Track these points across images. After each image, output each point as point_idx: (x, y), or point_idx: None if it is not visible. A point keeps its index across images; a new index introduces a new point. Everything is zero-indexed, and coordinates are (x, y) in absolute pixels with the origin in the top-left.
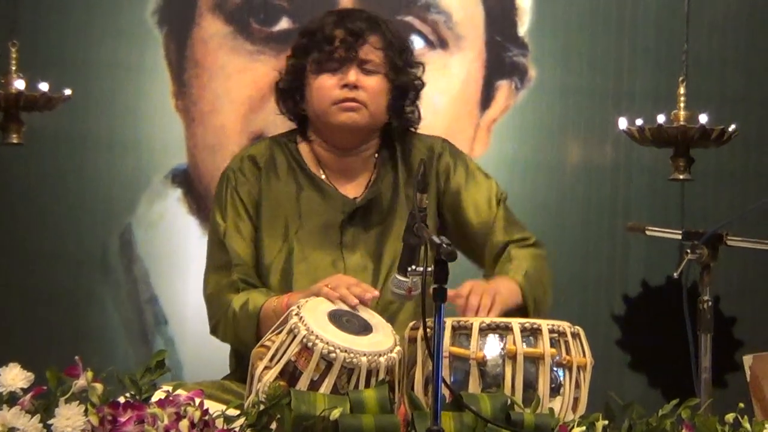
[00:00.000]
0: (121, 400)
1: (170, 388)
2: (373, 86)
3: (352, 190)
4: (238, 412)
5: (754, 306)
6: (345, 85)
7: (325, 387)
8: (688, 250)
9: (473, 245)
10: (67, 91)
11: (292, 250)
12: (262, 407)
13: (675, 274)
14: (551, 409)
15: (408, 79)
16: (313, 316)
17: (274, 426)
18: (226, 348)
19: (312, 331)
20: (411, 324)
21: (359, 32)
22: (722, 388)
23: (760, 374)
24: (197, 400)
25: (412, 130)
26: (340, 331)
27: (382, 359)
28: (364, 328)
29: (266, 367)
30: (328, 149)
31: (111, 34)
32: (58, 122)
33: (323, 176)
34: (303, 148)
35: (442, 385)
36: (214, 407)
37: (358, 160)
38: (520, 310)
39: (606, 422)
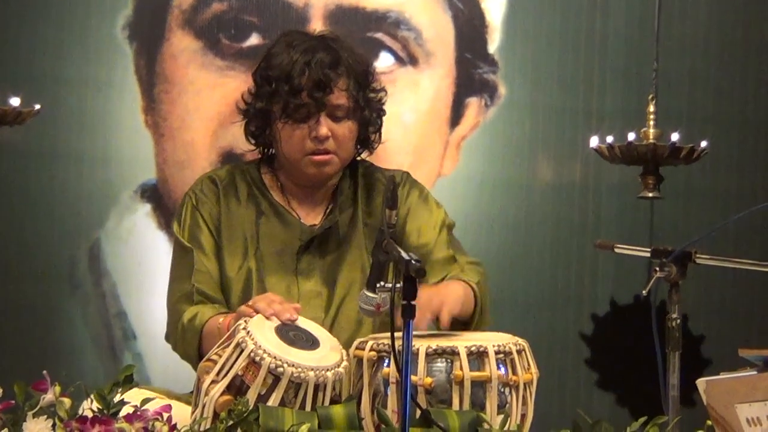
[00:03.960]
0: (89, 414)
1: (138, 403)
2: (343, 133)
3: (312, 217)
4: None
5: (723, 324)
6: (315, 137)
7: (273, 401)
8: (657, 268)
9: None
10: (37, 106)
11: (250, 271)
12: (230, 423)
13: (644, 292)
14: (519, 425)
15: (373, 112)
16: (260, 331)
17: None
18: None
19: (260, 346)
20: (356, 343)
21: (326, 81)
22: (690, 407)
23: (714, 399)
24: (165, 415)
25: (395, 158)
26: (287, 346)
27: (329, 374)
28: (312, 343)
29: (213, 381)
30: (292, 180)
31: (80, 48)
32: (28, 137)
33: (285, 202)
34: (265, 173)
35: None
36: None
37: (321, 190)
38: (463, 323)
39: None
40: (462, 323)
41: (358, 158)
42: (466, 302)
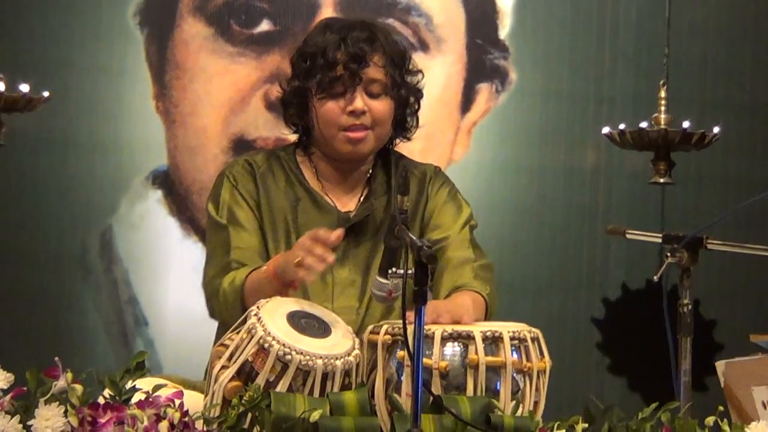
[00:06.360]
0: (101, 401)
1: (150, 389)
2: (379, 109)
3: (347, 203)
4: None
5: (734, 309)
6: (351, 112)
7: (280, 388)
8: (668, 254)
9: None
10: (46, 93)
11: None
12: (241, 409)
13: (655, 278)
14: (531, 413)
15: (409, 92)
16: (271, 317)
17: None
18: (205, 349)
19: (269, 332)
20: (370, 327)
21: (362, 54)
22: (702, 392)
23: (732, 380)
24: (177, 402)
25: (406, 155)
26: (297, 333)
27: (338, 362)
28: (323, 330)
29: (223, 367)
30: (328, 161)
31: (91, 35)
32: (39, 123)
33: (320, 189)
34: (301, 160)
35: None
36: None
37: (356, 174)
38: None
39: (585, 425)
40: None
41: (392, 147)
42: (476, 315)
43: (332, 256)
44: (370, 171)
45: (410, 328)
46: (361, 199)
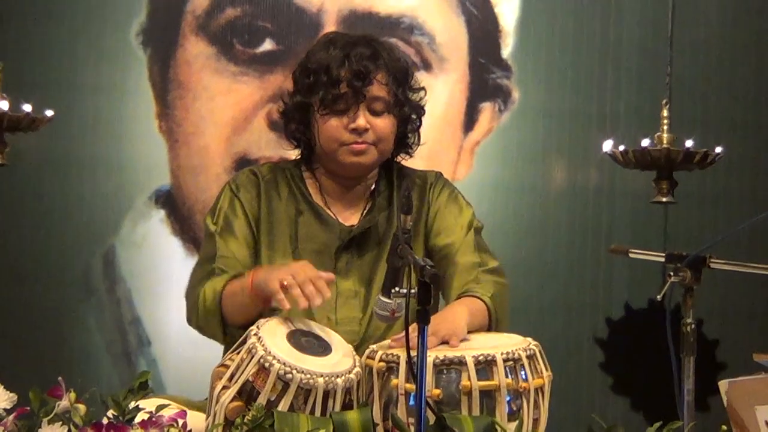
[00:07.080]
0: (105, 420)
1: (153, 409)
2: (382, 127)
3: (350, 217)
4: None
5: (737, 329)
6: (354, 129)
7: (282, 407)
8: (671, 273)
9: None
10: (49, 112)
11: None
12: (245, 429)
13: (658, 297)
14: (533, 431)
15: (412, 110)
16: (271, 337)
17: None
18: (209, 369)
19: (269, 352)
20: (367, 351)
21: (366, 72)
22: (705, 411)
23: (735, 400)
24: (180, 421)
25: (408, 162)
26: (297, 352)
27: (339, 380)
28: (324, 349)
29: (224, 387)
30: (331, 177)
31: (95, 55)
32: (42, 143)
33: (323, 203)
34: (306, 176)
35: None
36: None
37: (359, 188)
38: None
39: None
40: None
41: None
42: (476, 321)
43: (319, 299)
44: (373, 186)
45: (405, 353)
46: (364, 212)
